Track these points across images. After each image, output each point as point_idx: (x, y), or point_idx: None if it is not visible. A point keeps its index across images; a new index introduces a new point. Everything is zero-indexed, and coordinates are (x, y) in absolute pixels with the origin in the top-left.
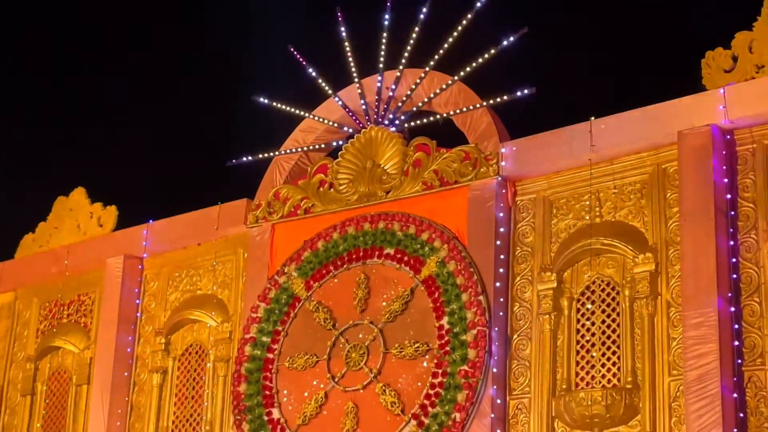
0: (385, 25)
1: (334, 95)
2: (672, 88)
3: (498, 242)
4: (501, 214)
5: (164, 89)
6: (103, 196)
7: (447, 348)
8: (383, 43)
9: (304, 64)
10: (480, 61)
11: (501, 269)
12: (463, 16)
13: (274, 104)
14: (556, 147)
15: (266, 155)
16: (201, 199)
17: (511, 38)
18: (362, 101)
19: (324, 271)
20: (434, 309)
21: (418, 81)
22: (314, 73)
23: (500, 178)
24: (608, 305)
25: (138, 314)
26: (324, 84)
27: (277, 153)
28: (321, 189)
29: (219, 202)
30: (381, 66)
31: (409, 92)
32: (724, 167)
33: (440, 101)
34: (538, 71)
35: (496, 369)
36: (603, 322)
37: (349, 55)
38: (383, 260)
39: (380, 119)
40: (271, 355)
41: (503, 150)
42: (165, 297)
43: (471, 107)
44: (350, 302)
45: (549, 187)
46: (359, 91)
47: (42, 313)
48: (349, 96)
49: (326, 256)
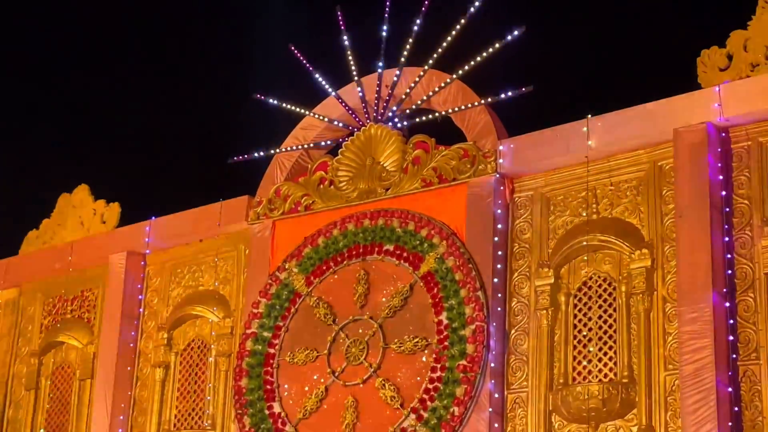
0: (385, 24)
1: (334, 93)
2: (668, 86)
3: (496, 239)
4: (499, 210)
5: (167, 87)
6: (106, 194)
7: (446, 343)
8: (383, 42)
9: (305, 62)
10: (478, 59)
11: (499, 265)
12: (461, 15)
13: (275, 102)
14: (553, 144)
15: (267, 153)
16: (203, 196)
17: (508, 37)
18: (362, 99)
19: (324, 267)
20: (433, 304)
21: (417, 79)
22: (314, 72)
23: (498, 175)
24: (605, 301)
25: (141, 310)
26: (324, 82)
27: (277, 150)
28: (321, 186)
29: (220, 199)
30: (381, 64)
31: (408, 90)
32: (719, 164)
33: (439, 99)
34: (535, 70)
35: (494, 364)
36: (600, 317)
37: (349, 53)
38: (383, 256)
39: (380, 117)
40: (272, 350)
41: (501, 147)
42: (167, 293)
43: (469, 105)
44: (350, 298)
45: (546, 184)
46: (359, 89)
47: (46, 309)
48: (349, 94)
49: (326, 253)
